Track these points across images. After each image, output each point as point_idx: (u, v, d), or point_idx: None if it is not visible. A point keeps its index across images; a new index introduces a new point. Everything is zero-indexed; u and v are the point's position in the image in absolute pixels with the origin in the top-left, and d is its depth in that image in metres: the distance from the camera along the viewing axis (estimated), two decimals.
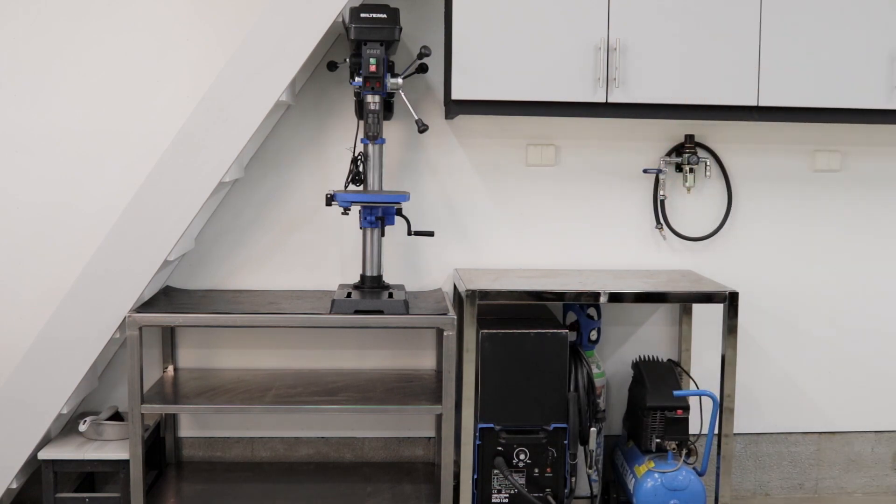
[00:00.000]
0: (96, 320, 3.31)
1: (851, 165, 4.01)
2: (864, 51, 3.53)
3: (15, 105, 3.68)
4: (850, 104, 3.56)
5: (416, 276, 3.89)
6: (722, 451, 3.51)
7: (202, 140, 3.29)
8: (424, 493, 3.60)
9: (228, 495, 3.58)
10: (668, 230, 3.94)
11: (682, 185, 3.92)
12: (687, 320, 3.95)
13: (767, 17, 3.49)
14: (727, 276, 3.93)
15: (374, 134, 3.36)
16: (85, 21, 3.68)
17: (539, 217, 3.92)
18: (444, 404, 3.35)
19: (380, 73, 3.29)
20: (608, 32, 3.43)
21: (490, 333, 3.42)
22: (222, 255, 3.84)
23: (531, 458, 3.45)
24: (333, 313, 3.31)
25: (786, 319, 4.04)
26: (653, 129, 3.90)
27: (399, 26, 3.32)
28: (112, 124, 3.70)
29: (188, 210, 3.31)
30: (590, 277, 3.70)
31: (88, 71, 3.69)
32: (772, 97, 3.51)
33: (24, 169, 3.70)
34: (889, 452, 4.15)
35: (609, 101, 3.45)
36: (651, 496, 3.44)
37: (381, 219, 3.45)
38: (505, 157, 3.88)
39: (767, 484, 4.12)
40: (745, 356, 3.91)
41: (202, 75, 3.55)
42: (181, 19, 3.70)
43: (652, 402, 3.53)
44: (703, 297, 3.50)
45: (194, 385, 3.61)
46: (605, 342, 3.93)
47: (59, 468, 3.41)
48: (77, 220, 3.70)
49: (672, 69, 3.48)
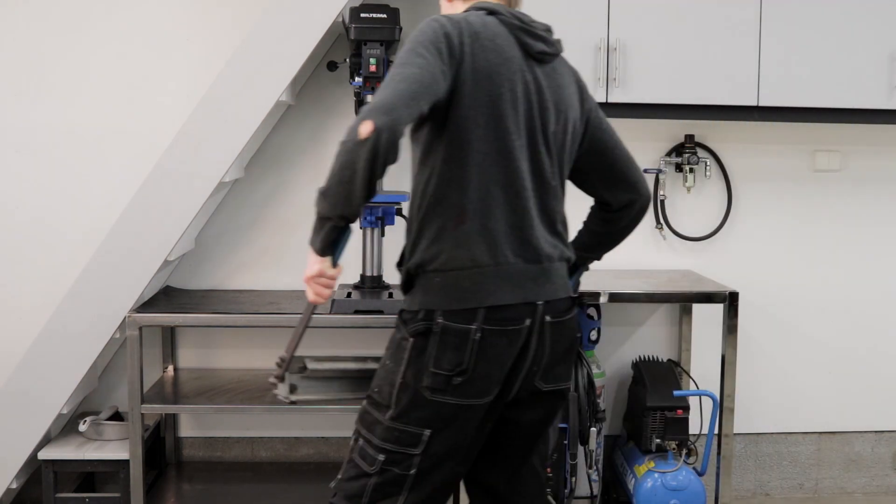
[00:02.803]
0: (96, 320, 3.31)
1: (851, 165, 4.01)
2: (864, 51, 3.52)
3: (15, 105, 3.68)
4: (850, 104, 3.56)
5: None
6: (722, 451, 3.51)
7: (202, 140, 3.28)
8: None
9: (228, 495, 3.57)
10: (668, 230, 3.94)
11: (682, 185, 3.92)
12: (687, 320, 3.95)
13: (767, 17, 3.49)
14: (727, 276, 3.92)
15: None
16: (85, 21, 3.68)
17: None
18: None
19: (380, 73, 3.28)
20: (608, 32, 3.43)
21: None
22: (222, 255, 3.84)
23: None
24: (333, 313, 3.30)
25: (786, 319, 4.03)
26: (653, 129, 3.90)
27: (399, 26, 3.32)
28: (112, 124, 3.69)
29: (188, 210, 3.31)
30: (590, 277, 3.69)
31: (88, 71, 3.69)
32: (772, 97, 3.51)
33: (24, 169, 3.70)
34: (889, 452, 4.15)
35: (609, 101, 3.45)
36: (651, 496, 3.44)
37: (381, 219, 3.45)
38: None
39: (767, 484, 4.12)
40: (745, 356, 3.91)
41: (202, 75, 3.55)
42: (181, 19, 3.70)
43: (652, 402, 3.53)
44: (703, 297, 3.50)
45: (194, 385, 3.61)
46: (605, 342, 3.92)
47: (59, 468, 3.41)
48: (77, 219, 3.70)
49: (672, 69, 3.48)
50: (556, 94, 2.28)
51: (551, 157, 2.27)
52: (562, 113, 2.28)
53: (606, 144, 2.46)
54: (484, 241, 2.16)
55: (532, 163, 2.23)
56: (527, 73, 2.22)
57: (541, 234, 2.24)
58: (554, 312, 2.25)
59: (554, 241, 2.28)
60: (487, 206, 2.16)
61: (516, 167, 2.19)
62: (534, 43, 2.25)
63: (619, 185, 2.50)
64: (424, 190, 2.22)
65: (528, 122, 2.21)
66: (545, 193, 2.26)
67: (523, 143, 2.20)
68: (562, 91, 2.30)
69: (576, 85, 2.38)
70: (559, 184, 2.32)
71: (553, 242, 2.28)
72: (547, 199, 2.26)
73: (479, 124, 2.15)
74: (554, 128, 2.26)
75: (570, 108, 2.31)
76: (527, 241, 2.21)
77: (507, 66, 2.18)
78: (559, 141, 2.29)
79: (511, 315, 2.17)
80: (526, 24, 2.26)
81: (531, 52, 2.24)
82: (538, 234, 2.23)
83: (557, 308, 2.26)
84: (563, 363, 2.31)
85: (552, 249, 2.26)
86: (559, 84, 2.30)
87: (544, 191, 2.26)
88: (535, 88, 2.23)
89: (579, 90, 2.38)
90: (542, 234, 2.24)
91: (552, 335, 2.24)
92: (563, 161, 2.32)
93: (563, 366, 2.32)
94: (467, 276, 2.14)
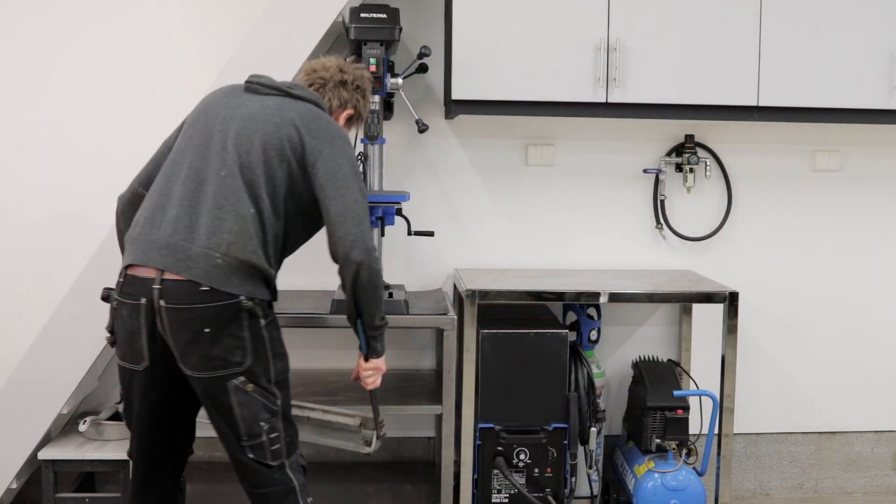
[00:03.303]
0: (96, 320, 3.31)
1: (851, 165, 4.01)
2: (864, 51, 3.53)
3: (15, 105, 3.68)
4: (850, 104, 3.56)
5: (416, 276, 3.89)
6: (722, 451, 3.51)
7: None
8: (424, 493, 3.60)
9: (228, 495, 3.57)
10: (668, 230, 3.94)
11: (682, 185, 3.92)
12: (687, 320, 3.95)
13: (767, 17, 3.49)
14: (727, 276, 3.93)
15: (374, 134, 3.36)
16: (85, 21, 3.68)
17: (539, 217, 3.92)
18: (444, 404, 3.35)
19: (380, 73, 3.29)
20: (608, 32, 3.43)
21: (490, 333, 3.42)
22: None
23: (531, 458, 3.44)
24: (334, 313, 3.30)
25: (786, 319, 4.04)
26: (653, 129, 3.90)
27: (399, 26, 3.31)
28: (112, 124, 3.70)
29: None
30: (590, 277, 3.70)
31: (89, 71, 3.69)
32: (772, 97, 3.51)
33: (24, 169, 3.70)
34: (889, 452, 4.15)
35: (609, 101, 3.45)
36: (651, 496, 3.44)
37: (381, 219, 3.44)
38: (505, 157, 3.88)
39: (767, 484, 4.12)
40: (745, 356, 3.91)
41: (202, 75, 3.55)
42: (181, 19, 3.70)
43: (652, 402, 3.53)
44: (703, 297, 3.50)
45: None
46: (605, 342, 3.93)
47: (59, 468, 3.41)
48: (77, 219, 3.70)
49: (672, 69, 3.48)
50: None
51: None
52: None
53: (314, 192, 2.55)
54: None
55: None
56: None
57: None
58: (170, 297, 2.40)
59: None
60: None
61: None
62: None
63: (330, 239, 2.55)
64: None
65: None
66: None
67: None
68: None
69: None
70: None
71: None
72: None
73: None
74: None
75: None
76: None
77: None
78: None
79: (130, 290, 2.47)
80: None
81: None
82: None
83: (176, 293, 2.40)
84: (195, 354, 2.41)
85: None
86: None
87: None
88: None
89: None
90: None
91: (170, 321, 2.41)
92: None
93: (197, 357, 2.42)
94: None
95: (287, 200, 2.54)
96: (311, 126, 2.55)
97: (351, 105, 2.82)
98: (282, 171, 2.51)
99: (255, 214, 2.46)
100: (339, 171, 2.51)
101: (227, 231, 2.43)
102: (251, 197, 2.47)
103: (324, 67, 2.82)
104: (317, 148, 2.52)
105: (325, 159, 2.51)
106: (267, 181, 2.49)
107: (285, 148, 2.51)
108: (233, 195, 2.45)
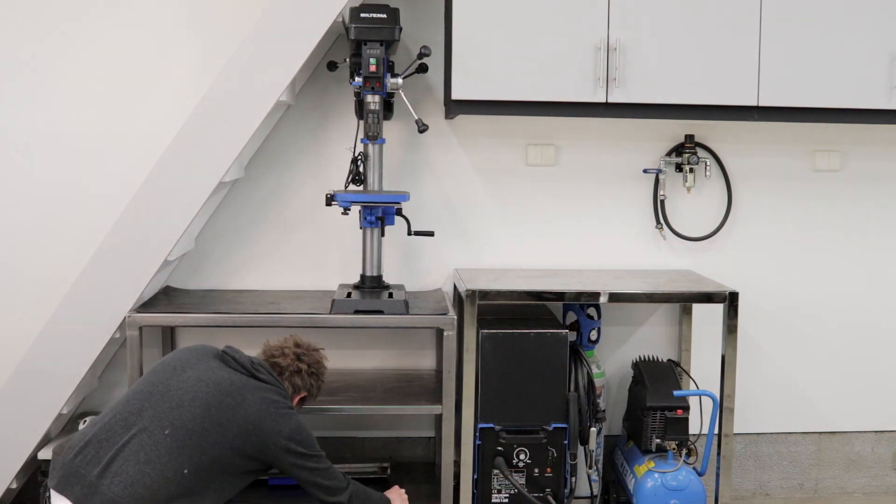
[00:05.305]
0: (96, 320, 3.31)
1: (851, 165, 4.01)
2: (864, 51, 3.53)
3: (15, 105, 3.68)
4: (851, 104, 3.56)
5: (416, 276, 3.89)
6: (722, 451, 3.51)
7: (202, 140, 3.28)
8: (424, 493, 3.60)
9: None
10: (668, 230, 3.94)
11: (682, 185, 3.92)
12: (687, 320, 3.95)
13: (767, 17, 3.49)
14: (727, 276, 3.93)
15: (374, 134, 3.36)
16: (85, 21, 3.67)
17: (539, 217, 3.92)
18: (444, 404, 3.35)
19: (380, 73, 3.29)
20: (608, 32, 3.43)
21: (490, 333, 3.42)
22: (222, 255, 3.84)
23: (531, 458, 3.45)
24: (333, 313, 3.31)
25: (786, 319, 4.04)
26: (653, 129, 3.90)
27: (399, 26, 3.32)
28: (112, 124, 3.70)
29: (188, 210, 3.31)
30: (590, 277, 3.70)
31: (88, 71, 3.69)
32: (772, 97, 3.51)
33: (24, 169, 3.70)
34: (889, 452, 4.15)
35: (609, 101, 3.45)
36: (651, 496, 3.44)
37: (381, 219, 3.45)
38: (505, 157, 3.88)
39: (767, 484, 4.12)
40: (745, 356, 3.91)
41: (202, 75, 3.55)
42: (181, 19, 3.70)
43: (652, 402, 3.53)
44: (703, 297, 3.50)
45: None
46: (605, 342, 3.93)
47: None
48: (77, 219, 3.70)
49: (672, 69, 3.48)
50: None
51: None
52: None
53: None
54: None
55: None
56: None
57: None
58: None
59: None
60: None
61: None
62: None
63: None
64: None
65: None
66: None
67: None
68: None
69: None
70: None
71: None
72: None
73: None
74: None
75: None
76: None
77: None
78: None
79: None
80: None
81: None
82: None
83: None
84: None
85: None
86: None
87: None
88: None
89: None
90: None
91: None
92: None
93: None
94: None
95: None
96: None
97: (304, 390, 2.99)
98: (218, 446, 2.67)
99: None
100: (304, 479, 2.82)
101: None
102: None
103: (282, 353, 2.98)
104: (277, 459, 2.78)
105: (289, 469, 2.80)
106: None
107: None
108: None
